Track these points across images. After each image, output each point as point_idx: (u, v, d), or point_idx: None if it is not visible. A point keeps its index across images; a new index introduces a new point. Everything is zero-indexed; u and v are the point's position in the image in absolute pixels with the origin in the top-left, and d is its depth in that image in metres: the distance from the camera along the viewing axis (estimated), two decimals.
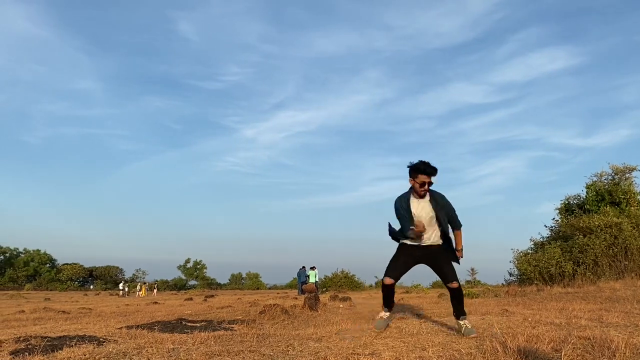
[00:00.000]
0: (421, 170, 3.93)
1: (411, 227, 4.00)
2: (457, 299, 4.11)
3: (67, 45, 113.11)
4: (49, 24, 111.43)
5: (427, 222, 4.04)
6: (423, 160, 3.97)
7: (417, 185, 3.98)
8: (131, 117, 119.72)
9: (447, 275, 4.05)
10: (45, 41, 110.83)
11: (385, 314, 4.37)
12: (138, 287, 39.97)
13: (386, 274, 4.16)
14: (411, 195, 4.10)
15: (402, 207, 4.09)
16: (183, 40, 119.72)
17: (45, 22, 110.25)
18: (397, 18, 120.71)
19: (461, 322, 4.03)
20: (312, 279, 23.45)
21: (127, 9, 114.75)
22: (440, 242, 4.16)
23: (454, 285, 4.02)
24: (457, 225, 4.20)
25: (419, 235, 4.05)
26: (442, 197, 4.12)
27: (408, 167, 4.04)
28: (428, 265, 4.19)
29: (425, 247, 4.13)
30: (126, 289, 39.04)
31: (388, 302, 4.35)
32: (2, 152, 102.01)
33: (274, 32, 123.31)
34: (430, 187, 4.03)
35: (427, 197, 4.08)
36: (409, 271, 4.25)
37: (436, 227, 4.10)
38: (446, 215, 4.10)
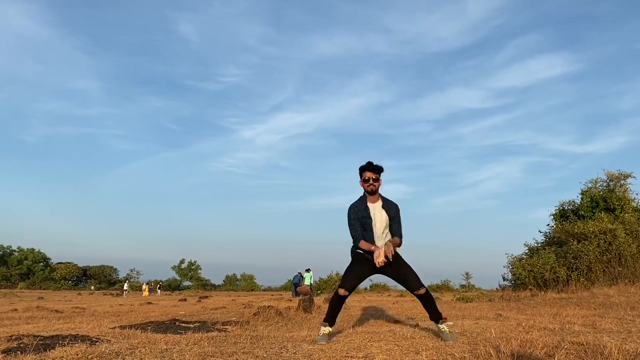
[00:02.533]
0: (366, 168, 4.04)
1: (374, 247, 3.88)
2: (428, 303, 4.03)
3: (67, 45, 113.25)
4: (49, 23, 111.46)
5: (382, 227, 4.01)
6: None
7: (362, 183, 4.06)
8: (129, 117, 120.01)
9: (411, 283, 3.98)
10: (45, 40, 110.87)
11: (327, 329, 4.04)
12: (143, 287, 39.98)
13: (341, 285, 4.05)
14: (367, 202, 4.06)
15: (359, 213, 4.00)
16: (183, 40, 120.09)
17: (46, 21, 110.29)
18: (397, 22, 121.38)
19: (440, 327, 3.95)
20: (307, 281, 23.45)
21: (128, 9, 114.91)
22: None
23: (421, 292, 3.95)
24: (397, 234, 4.03)
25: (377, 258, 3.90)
26: (395, 204, 4.12)
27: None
28: (387, 275, 4.04)
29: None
30: (129, 289, 39.06)
31: (333, 316, 4.12)
32: None
33: (273, 33, 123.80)
34: (379, 188, 4.06)
35: (381, 203, 4.06)
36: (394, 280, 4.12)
37: (388, 232, 4.05)
38: (393, 221, 4.05)
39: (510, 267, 14.55)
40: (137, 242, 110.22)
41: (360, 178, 4.09)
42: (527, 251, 15.66)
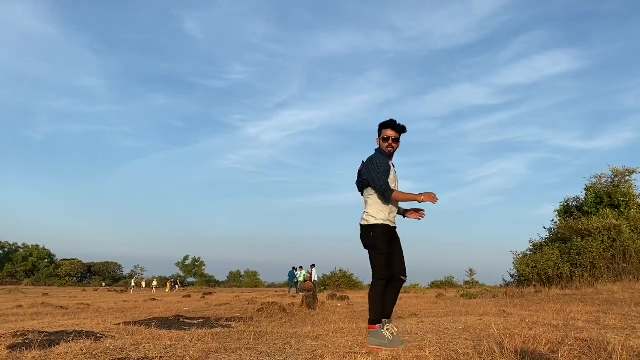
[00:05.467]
0: (387, 125, 3.59)
1: (422, 194, 3.39)
2: (396, 295, 3.58)
3: (73, 42, 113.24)
4: (55, 21, 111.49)
5: None
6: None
7: (381, 142, 3.61)
8: (135, 114, 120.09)
9: (402, 266, 3.52)
10: (51, 38, 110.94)
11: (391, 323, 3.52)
12: (155, 283, 40.33)
13: (401, 273, 3.53)
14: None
15: (388, 167, 3.53)
16: (189, 38, 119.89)
17: (52, 19, 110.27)
18: (402, 20, 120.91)
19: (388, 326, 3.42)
20: (313, 277, 23.59)
21: (134, 7, 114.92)
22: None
23: (405, 279, 3.52)
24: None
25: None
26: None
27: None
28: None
29: (395, 228, 3.62)
30: (138, 284, 39.32)
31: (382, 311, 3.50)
32: (4, 147, 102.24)
33: (279, 31, 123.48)
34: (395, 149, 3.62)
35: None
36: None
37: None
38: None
39: (516, 263, 14.53)
40: (141, 238, 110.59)
41: (379, 136, 3.64)
42: (531, 248, 15.63)
